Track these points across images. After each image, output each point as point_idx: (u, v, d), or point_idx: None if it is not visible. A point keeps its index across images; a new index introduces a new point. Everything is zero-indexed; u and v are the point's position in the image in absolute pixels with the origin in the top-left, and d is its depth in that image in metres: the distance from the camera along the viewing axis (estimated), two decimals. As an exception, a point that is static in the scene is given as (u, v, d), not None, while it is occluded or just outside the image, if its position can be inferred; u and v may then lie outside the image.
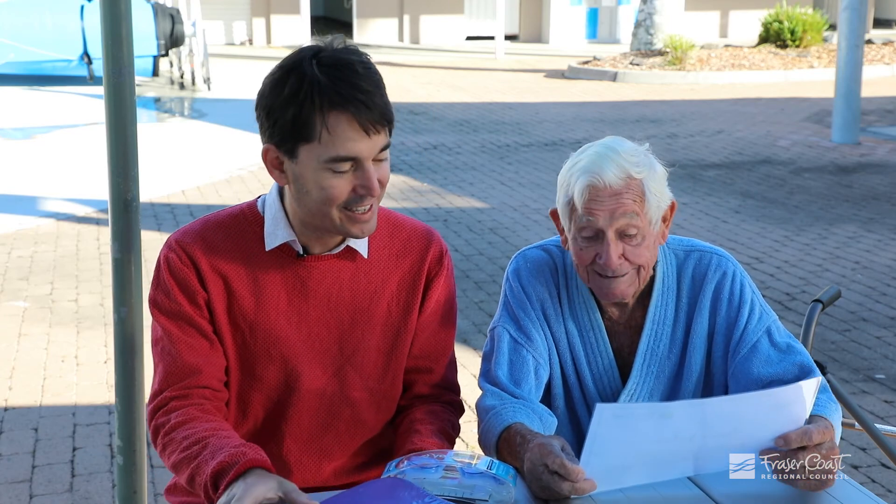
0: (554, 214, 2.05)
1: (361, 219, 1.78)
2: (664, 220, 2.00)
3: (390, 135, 1.78)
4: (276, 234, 1.86)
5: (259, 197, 1.93)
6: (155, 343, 1.88)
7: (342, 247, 1.89)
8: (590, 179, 1.90)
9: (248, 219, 1.89)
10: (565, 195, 1.96)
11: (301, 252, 1.87)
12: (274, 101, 1.74)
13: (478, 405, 2.00)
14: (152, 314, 1.88)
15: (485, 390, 2.00)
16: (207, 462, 1.69)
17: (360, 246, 1.91)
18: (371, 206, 1.78)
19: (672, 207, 2.01)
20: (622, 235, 1.92)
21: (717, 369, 2.04)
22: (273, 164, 1.80)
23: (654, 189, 1.93)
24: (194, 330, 1.85)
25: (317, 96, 1.70)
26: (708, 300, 2.02)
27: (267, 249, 1.86)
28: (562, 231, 2.03)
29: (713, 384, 2.05)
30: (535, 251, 2.11)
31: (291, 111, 1.71)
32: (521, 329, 2.03)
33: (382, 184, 1.78)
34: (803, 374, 1.95)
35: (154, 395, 1.86)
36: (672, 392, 2.06)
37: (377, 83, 1.75)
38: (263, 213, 1.89)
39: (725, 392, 2.03)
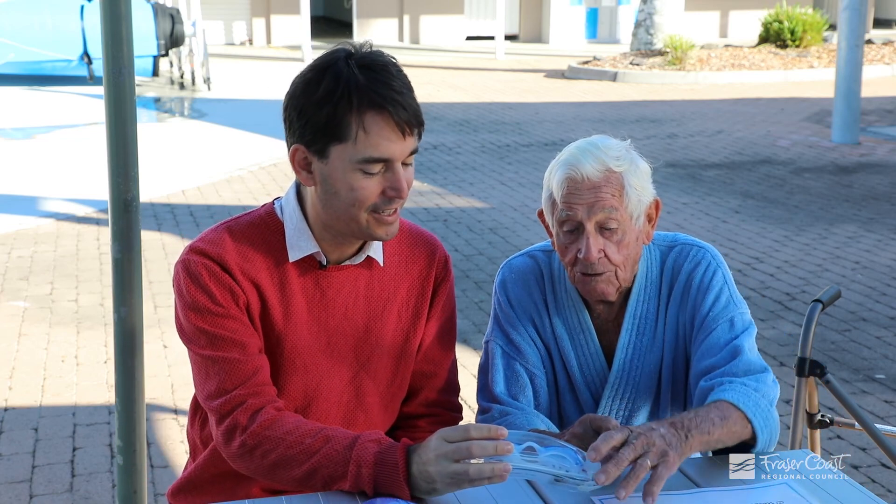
0: (541, 214, 2.05)
1: (388, 221, 1.78)
2: (649, 219, 1.99)
3: (419, 139, 1.79)
4: (299, 245, 1.83)
5: (275, 201, 1.90)
6: (201, 347, 1.79)
7: (363, 256, 1.88)
8: (567, 172, 1.91)
9: (269, 227, 1.86)
10: (547, 190, 1.98)
11: (325, 263, 1.86)
12: (307, 101, 1.72)
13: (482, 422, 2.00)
14: (193, 322, 1.79)
15: (487, 408, 2.01)
16: (339, 452, 1.66)
17: (377, 254, 1.90)
18: (397, 208, 1.79)
19: (657, 206, 2.01)
20: (602, 229, 1.92)
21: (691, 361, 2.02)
22: (301, 165, 1.78)
23: (634, 184, 1.93)
24: (243, 331, 1.80)
25: (354, 96, 1.69)
26: (681, 290, 2.01)
27: (291, 261, 1.84)
28: (549, 231, 2.03)
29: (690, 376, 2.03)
30: (521, 259, 2.11)
31: (326, 110, 1.70)
32: (512, 343, 2.05)
33: (409, 187, 1.78)
34: (750, 371, 1.88)
35: (218, 395, 1.78)
36: (655, 385, 2.06)
37: (409, 86, 1.76)
38: (283, 219, 1.86)
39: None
